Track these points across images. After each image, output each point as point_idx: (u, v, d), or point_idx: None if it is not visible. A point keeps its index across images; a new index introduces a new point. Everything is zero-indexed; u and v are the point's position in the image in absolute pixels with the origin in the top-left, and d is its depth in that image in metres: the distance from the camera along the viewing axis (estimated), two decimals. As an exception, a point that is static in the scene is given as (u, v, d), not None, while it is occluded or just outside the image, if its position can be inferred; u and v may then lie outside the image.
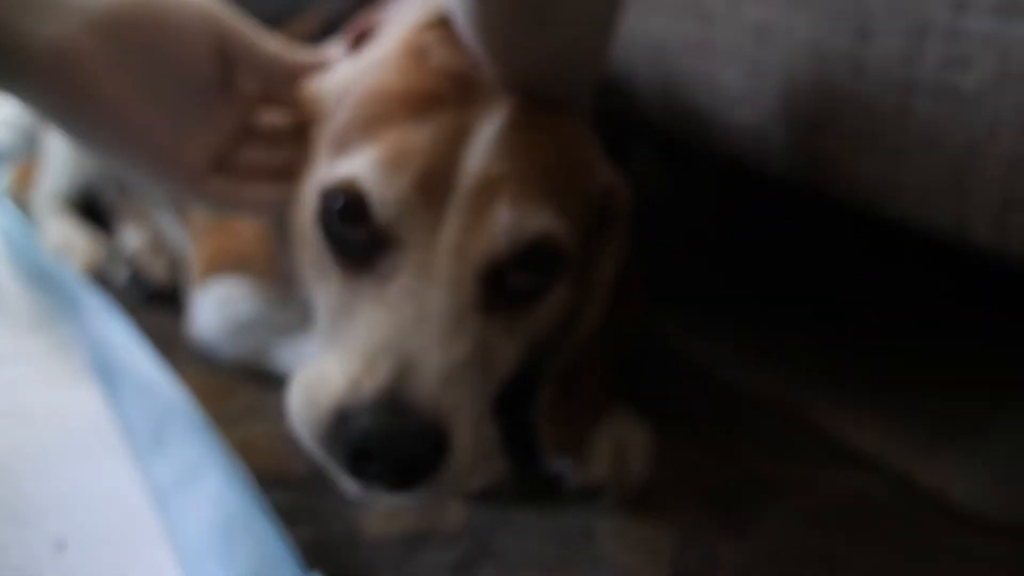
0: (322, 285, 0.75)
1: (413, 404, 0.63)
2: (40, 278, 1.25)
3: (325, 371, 0.67)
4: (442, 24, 0.80)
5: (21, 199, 1.47)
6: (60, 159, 1.43)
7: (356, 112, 0.74)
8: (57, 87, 0.71)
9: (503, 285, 0.71)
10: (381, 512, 0.82)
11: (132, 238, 1.32)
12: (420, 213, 0.68)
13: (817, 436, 0.97)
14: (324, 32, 1.04)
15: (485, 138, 0.70)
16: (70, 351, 1.09)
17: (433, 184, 0.68)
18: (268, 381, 1.04)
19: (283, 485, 0.85)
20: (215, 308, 1.06)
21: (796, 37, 0.82)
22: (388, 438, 0.62)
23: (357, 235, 0.70)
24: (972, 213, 0.74)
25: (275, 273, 1.02)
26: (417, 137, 0.69)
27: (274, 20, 1.08)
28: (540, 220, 0.70)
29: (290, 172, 0.82)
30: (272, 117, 0.84)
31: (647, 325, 0.96)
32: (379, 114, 0.72)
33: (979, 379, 1.09)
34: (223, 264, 1.08)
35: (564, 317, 0.81)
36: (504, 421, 0.78)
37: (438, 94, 0.72)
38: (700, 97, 0.95)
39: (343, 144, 0.73)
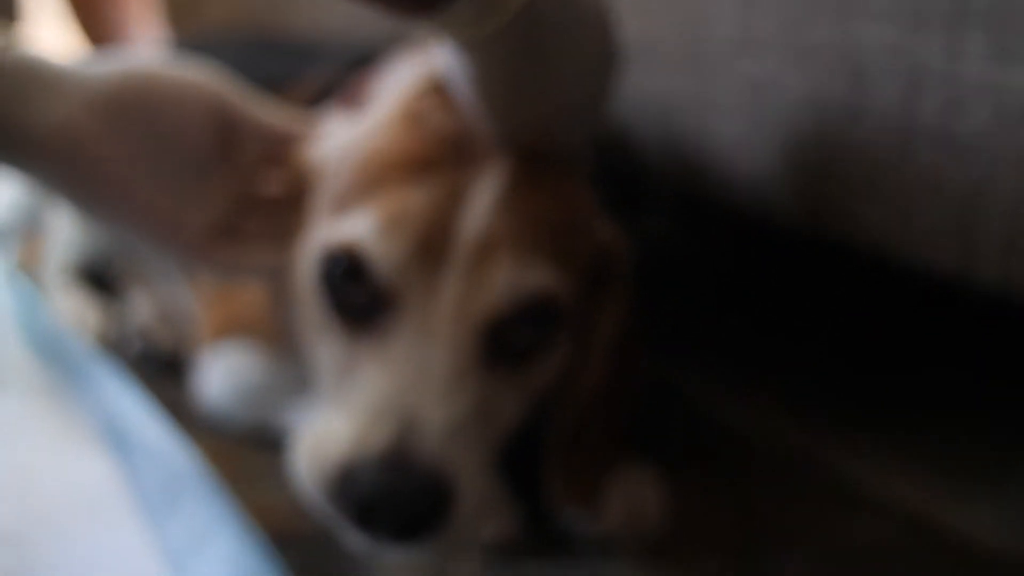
0: (323, 343, 0.76)
1: (417, 461, 0.65)
2: (50, 349, 1.25)
3: (330, 429, 0.68)
4: (437, 90, 0.82)
5: (30, 273, 1.48)
6: (66, 232, 1.45)
7: (354, 176, 0.75)
8: (61, 167, 0.73)
9: (503, 341, 0.72)
10: (394, 570, 0.81)
11: (142, 308, 1.32)
12: (420, 274, 0.69)
13: (833, 481, 0.96)
14: (321, 97, 1.06)
15: (482, 199, 0.71)
16: (81, 420, 1.08)
17: (432, 245, 0.69)
18: (278, 444, 1.03)
19: (295, 544, 0.84)
20: (223, 374, 1.06)
21: (792, 89, 0.84)
22: (393, 494, 0.64)
23: (358, 296, 0.72)
24: (977, 257, 0.74)
25: (281, 338, 1.02)
26: (415, 199, 0.70)
27: (271, 85, 1.10)
28: (538, 277, 0.71)
29: (289, 236, 0.84)
30: (273, 183, 0.85)
31: (657, 376, 0.96)
32: (377, 178, 0.73)
33: (999, 419, 1.08)
34: (230, 331, 1.09)
35: (566, 373, 0.82)
36: (516, 474, 0.78)
37: (435, 157, 0.73)
38: (699, 151, 0.97)
39: (342, 207, 0.74)
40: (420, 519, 0.65)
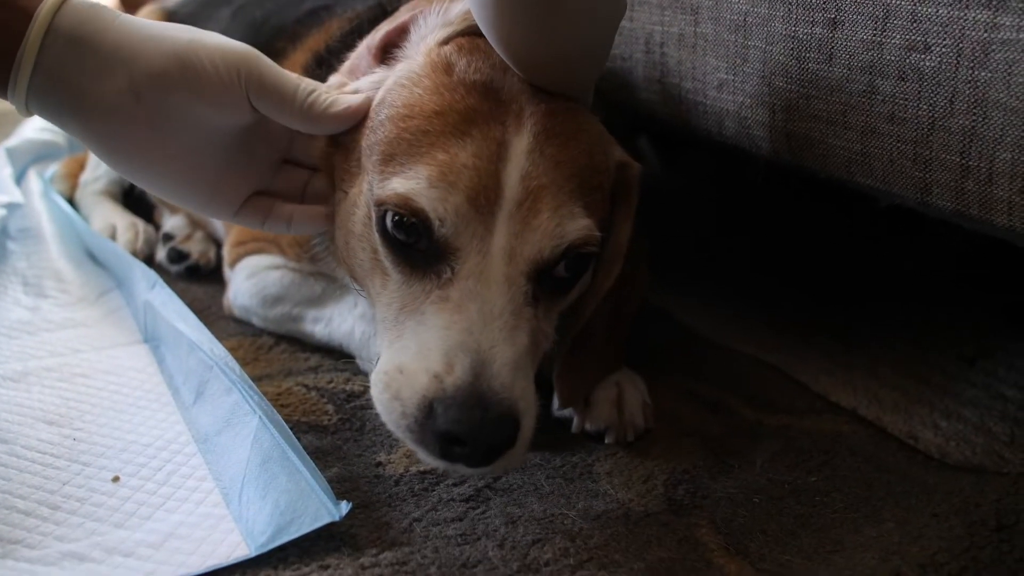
0: (379, 282, 0.78)
1: (492, 395, 0.68)
2: (88, 258, 1.30)
3: (405, 367, 0.71)
4: (465, 34, 0.83)
5: (67, 190, 1.52)
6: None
7: (397, 131, 0.76)
8: (104, 137, 0.76)
9: (547, 278, 0.76)
10: (401, 453, 0.86)
11: (169, 219, 1.37)
12: (474, 224, 0.72)
13: (799, 391, 1.02)
14: (358, 32, 1.07)
15: (521, 150, 0.73)
16: (118, 318, 1.13)
17: (482, 197, 0.72)
18: (298, 344, 1.09)
19: (314, 430, 0.90)
20: (247, 282, 1.11)
21: (774, 27, 0.86)
22: (475, 427, 0.67)
23: (418, 245, 0.74)
24: (934, 182, 0.78)
25: (300, 250, 1.07)
26: (462, 155, 0.72)
27: (313, 18, 1.13)
28: (577, 225, 0.74)
29: (319, 195, 0.87)
30: (303, 145, 0.87)
31: (649, 295, 1.01)
32: (421, 133, 0.75)
33: (951, 342, 1.13)
34: (253, 243, 1.14)
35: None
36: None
37: (472, 110, 0.75)
38: (689, 85, 0.99)
39: (390, 161, 0.75)
40: (496, 447, 0.69)
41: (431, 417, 0.68)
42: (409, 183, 0.72)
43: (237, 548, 0.72)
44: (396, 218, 0.73)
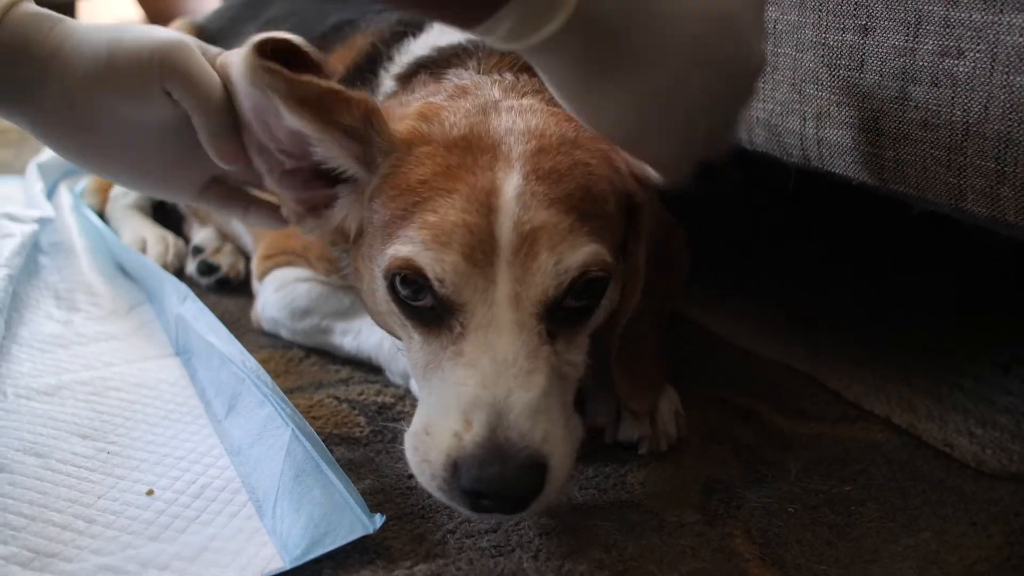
0: (408, 344, 0.80)
1: (511, 446, 0.68)
2: (119, 271, 1.31)
3: (430, 427, 0.72)
4: (446, 87, 0.85)
5: (98, 204, 1.54)
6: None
7: (390, 210, 0.76)
8: (50, 137, 0.80)
9: (562, 312, 0.75)
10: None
11: (199, 233, 1.37)
12: (474, 278, 0.72)
13: (831, 400, 1.01)
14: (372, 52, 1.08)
15: (511, 195, 0.73)
16: (150, 331, 1.14)
17: (478, 251, 0.72)
18: (328, 356, 1.09)
19: (346, 443, 0.90)
20: (276, 294, 1.12)
21: (804, 34, 0.86)
22: (496, 481, 0.67)
23: (425, 303, 0.75)
24: (969, 187, 0.77)
25: (328, 264, 1.07)
26: (451, 213, 0.72)
27: (336, 33, 1.13)
28: (579, 255, 0.73)
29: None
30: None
31: (680, 310, 1.00)
32: (411, 204, 0.75)
33: (985, 349, 1.12)
34: (281, 257, 1.14)
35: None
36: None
37: (455, 167, 0.75)
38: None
39: (389, 235, 0.76)
40: (523, 497, 0.69)
41: (457, 475, 0.68)
42: (406, 247, 0.73)
43: (272, 561, 0.72)
44: (402, 281, 0.75)
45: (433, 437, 0.70)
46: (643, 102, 0.68)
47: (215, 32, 1.43)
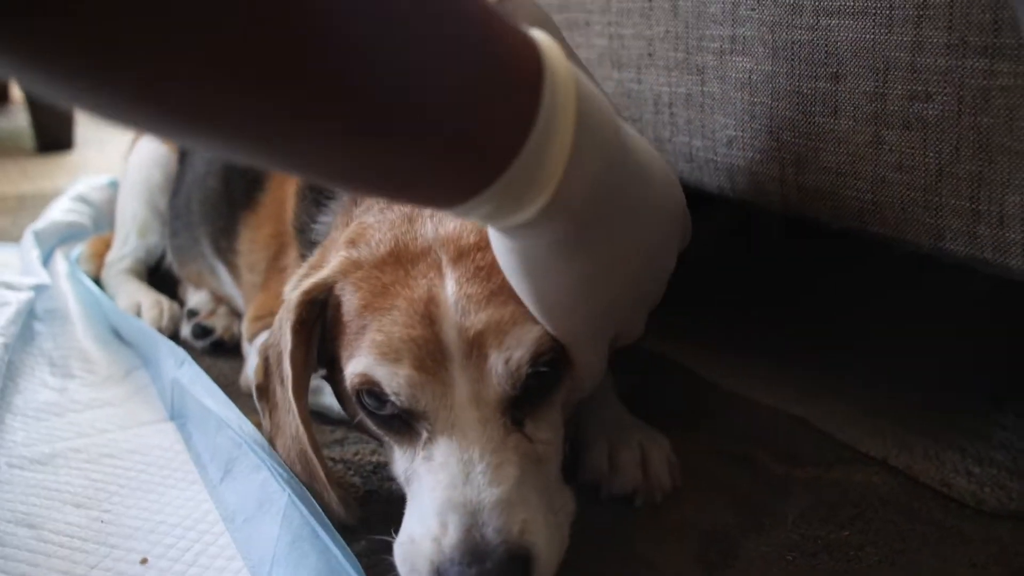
0: (385, 448, 0.81)
1: (487, 544, 0.68)
2: (115, 336, 1.32)
3: (413, 536, 0.72)
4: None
5: (93, 270, 1.55)
6: (125, 232, 1.51)
7: (343, 336, 0.79)
8: None
9: (525, 398, 0.76)
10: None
11: (193, 296, 1.39)
12: (430, 386, 0.74)
13: (825, 442, 1.00)
14: None
15: (449, 302, 0.74)
16: (145, 397, 1.14)
17: (429, 360, 0.73)
18: (321, 417, 1.09)
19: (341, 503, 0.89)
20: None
21: (778, 83, 0.88)
22: None
23: (391, 411, 0.76)
24: (947, 227, 0.78)
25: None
26: (396, 329, 0.74)
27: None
28: (526, 344, 0.74)
29: None
30: None
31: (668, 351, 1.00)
32: (359, 328, 0.77)
33: (977, 384, 1.12)
34: (270, 318, 1.15)
35: None
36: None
37: (389, 284, 0.77)
38: (699, 143, 1.01)
39: (348, 357, 0.78)
40: None
41: None
42: (361, 361, 0.75)
43: (266, 627, 0.72)
44: (368, 394, 0.77)
45: (416, 545, 0.71)
46: (583, 281, 0.70)
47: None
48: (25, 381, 1.16)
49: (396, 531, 0.77)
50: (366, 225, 0.84)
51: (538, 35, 0.60)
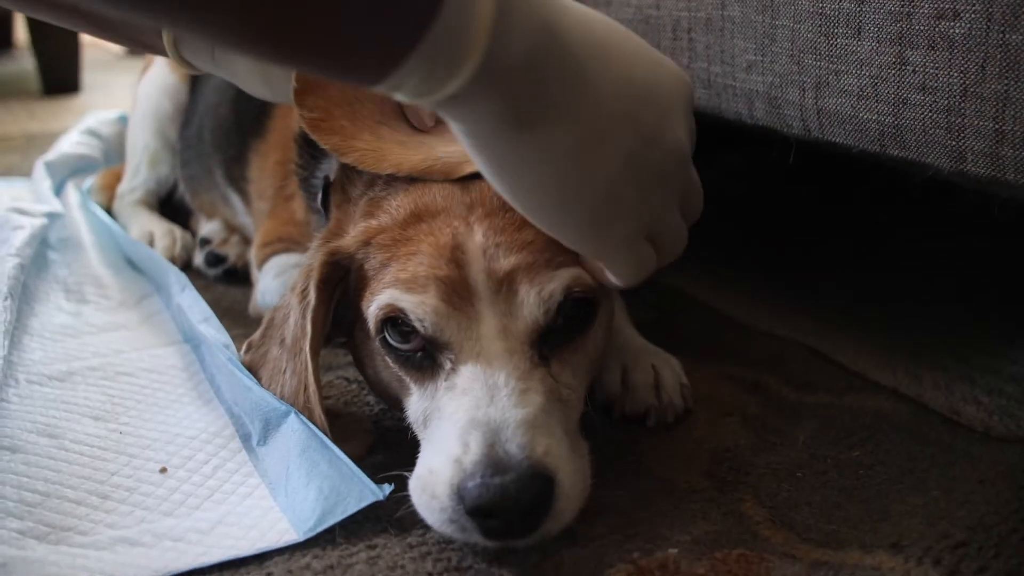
0: (404, 398, 0.81)
1: (510, 458, 0.67)
2: (127, 264, 1.33)
3: (431, 466, 0.71)
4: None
5: (105, 201, 1.56)
6: (136, 163, 1.51)
7: (370, 280, 0.79)
8: None
9: (553, 335, 0.76)
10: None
11: (206, 225, 1.39)
12: (456, 318, 0.74)
13: (838, 372, 1.01)
14: None
15: (476, 251, 0.75)
16: (158, 321, 1.15)
17: (455, 295, 0.74)
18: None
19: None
20: (275, 281, 1.13)
21: (801, 5, 0.87)
22: (498, 494, 0.66)
23: (415, 345, 0.76)
24: (968, 149, 0.78)
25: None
26: (422, 267, 0.75)
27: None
28: (560, 279, 0.75)
29: None
30: None
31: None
32: (384, 270, 0.78)
33: (992, 323, 1.12)
34: (279, 244, 1.16)
35: None
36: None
37: (415, 233, 0.78)
38: (718, 69, 1.00)
39: (373, 287, 0.79)
40: (532, 508, 0.67)
41: (462, 500, 0.67)
42: (387, 293, 0.76)
43: (286, 535, 0.73)
44: (392, 327, 0.77)
45: (436, 473, 0.70)
46: (561, 162, 0.67)
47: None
48: (41, 305, 1.17)
49: (414, 444, 0.78)
50: (380, 197, 0.84)
51: None
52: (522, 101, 0.62)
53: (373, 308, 0.77)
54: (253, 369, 0.89)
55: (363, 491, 0.73)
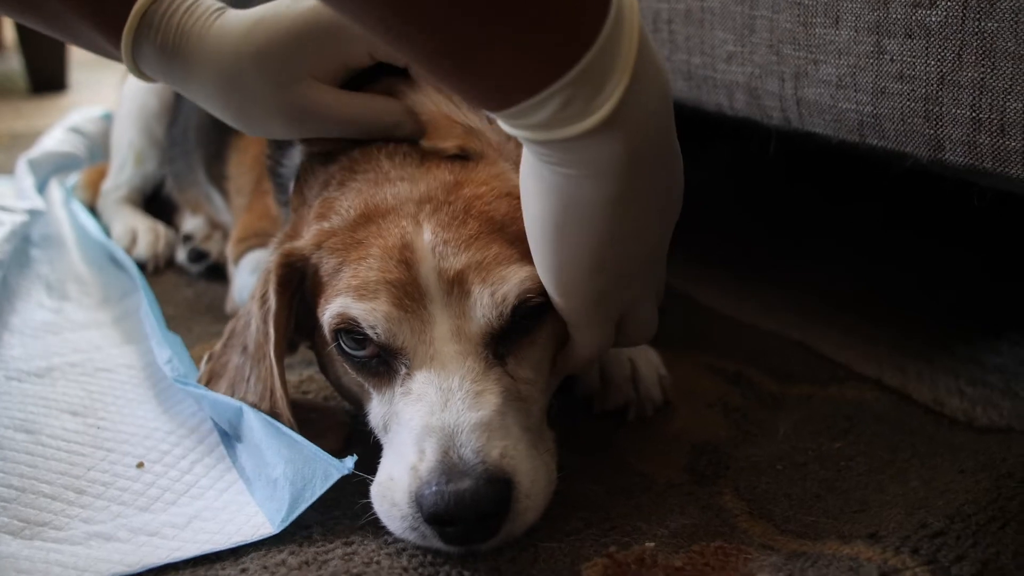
0: (365, 403, 0.80)
1: (464, 464, 0.67)
2: (110, 262, 1.33)
3: (391, 473, 0.71)
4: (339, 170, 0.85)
5: (89, 199, 1.55)
6: (121, 160, 1.51)
7: (324, 285, 0.79)
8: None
9: (508, 335, 0.75)
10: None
11: (189, 221, 1.39)
12: (408, 323, 0.73)
13: (821, 363, 1.01)
14: None
15: (426, 249, 0.74)
16: (139, 318, 1.15)
17: (406, 298, 0.73)
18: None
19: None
20: (251, 276, 1.12)
21: (778, -6, 0.87)
22: (453, 501, 0.65)
23: (370, 352, 0.76)
24: (946, 138, 0.78)
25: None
26: (372, 272, 0.74)
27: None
28: (514, 280, 0.74)
29: None
30: None
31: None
32: (334, 276, 0.77)
33: (977, 314, 1.12)
34: (254, 239, 1.15)
35: None
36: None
37: (364, 236, 0.77)
38: (698, 60, 1.00)
39: (328, 293, 0.78)
40: (489, 512, 0.66)
41: (420, 508, 0.67)
42: (338, 302, 0.75)
43: (261, 528, 0.73)
44: (345, 335, 0.76)
45: (395, 480, 0.70)
46: (622, 223, 0.67)
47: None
48: (22, 302, 1.17)
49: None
50: (332, 198, 0.83)
51: None
52: (629, 165, 0.62)
53: (327, 316, 0.77)
54: (211, 380, 0.88)
55: (327, 470, 0.73)
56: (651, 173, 0.65)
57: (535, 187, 0.68)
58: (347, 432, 0.86)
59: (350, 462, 0.73)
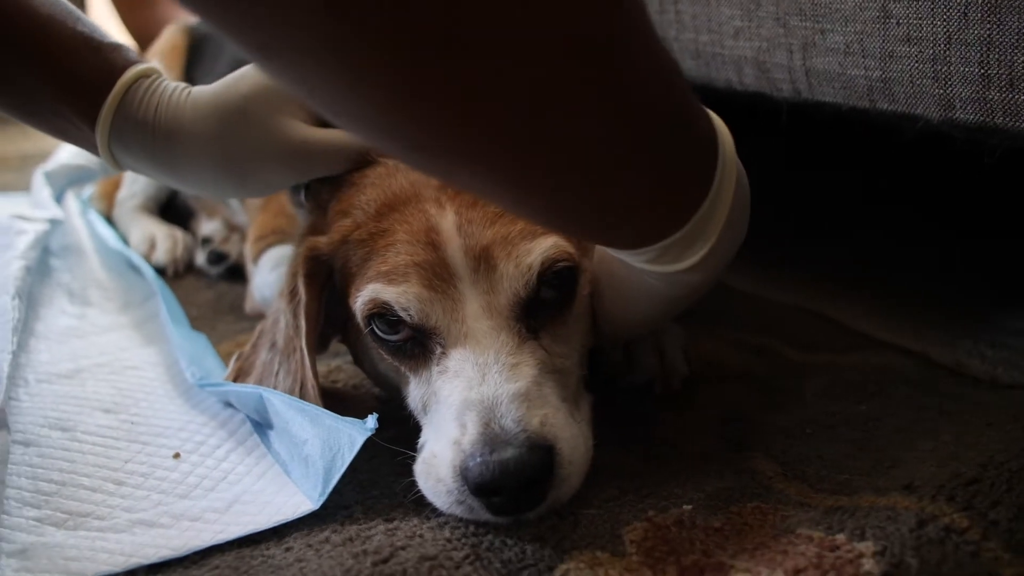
0: (403, 387, 0.82)
1: (506, 433, 0.68)
2: (130, 268, 1.34)
3: (434, 449, 0.72)
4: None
5: (105, 209, 1.57)
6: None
7: (353, 275, 0.80)
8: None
9: (539, 306, 0.77)
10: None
11: (207, 225, 1.40)
12: (439, 303, 0.75)
13: (843, 333, 1.02)
14: None
15: (451, 230, 0.76)
16: (155, 322, 1.16)
17: (436, 278, 0.75)
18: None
19: (367, 400, 0.92)
20: (271, 274, 1.13)
21: (786, -34, 0.88)
22: (499, 469, 0.66)
23: (404, 335, 0.77)
24: (956, 97, 0.78)
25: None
26: (400, 256, 0.76)
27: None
28: (538, 250, 0.75)
29: None
30: None
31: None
32: (366, 264, 0.78)
33: (996, 281, 1.13)
34: (272, 236, 1.16)
35: None
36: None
37: (388, 224, 0.79)
38: (705, 37, 1.01)
39: (358, 283, 0.79)
40: (534, 479, 0.67)
41: (466, 480, 0.68)
42: (369, 288, 0.77)
43: (302, 506, 0.73)
44: (378, 320, 0.77)
45: (438, 456, 0.71)
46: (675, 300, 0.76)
47: (206, 33, 1.46)
48: (45, 309, 1.18)
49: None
50: (350, 195, 0.84)
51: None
52: (706, 278, 0.71)
53: (359, 304, 0.78)
54: (239, 377, 0.90)
55: (352, 435, 0.73)
56: (728, 259, 0.73)
57: (624, 272, 0.76)
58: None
59: (372, 421, 0.74)
